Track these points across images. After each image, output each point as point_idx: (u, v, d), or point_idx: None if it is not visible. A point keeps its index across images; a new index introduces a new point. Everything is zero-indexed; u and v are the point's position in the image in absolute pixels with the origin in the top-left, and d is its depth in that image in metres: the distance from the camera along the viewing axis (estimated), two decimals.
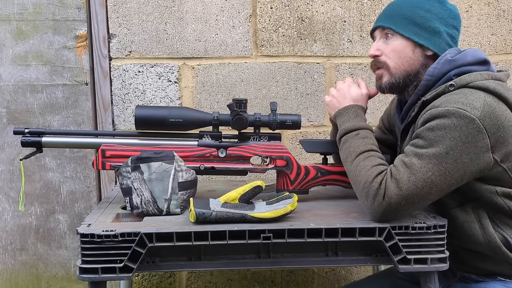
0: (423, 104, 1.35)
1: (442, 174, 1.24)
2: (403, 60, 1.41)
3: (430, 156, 1.24)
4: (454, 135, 1.23)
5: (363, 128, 1.42)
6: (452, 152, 1.23)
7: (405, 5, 1.41)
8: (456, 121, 1.23)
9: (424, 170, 1.24)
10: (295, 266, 1.58)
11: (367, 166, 1.32)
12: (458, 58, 1.35)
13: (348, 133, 1.42)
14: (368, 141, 1.39)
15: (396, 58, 1.41)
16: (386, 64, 1.42)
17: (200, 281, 2.23)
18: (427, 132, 1.26)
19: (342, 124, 1.44)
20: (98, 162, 1.46)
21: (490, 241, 1.33)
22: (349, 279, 2.29)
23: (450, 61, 1.35)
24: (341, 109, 1.47)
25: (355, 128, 1.41)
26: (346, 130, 1.42)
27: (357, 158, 1.35)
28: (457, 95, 1.28)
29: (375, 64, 1.46)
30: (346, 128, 1.43)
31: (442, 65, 1.36)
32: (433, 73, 1.36)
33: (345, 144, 1.41)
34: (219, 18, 2.10)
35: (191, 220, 1.29)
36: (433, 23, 1.39)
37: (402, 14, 1.40)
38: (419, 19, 1.39)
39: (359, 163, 1.34)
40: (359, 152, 1.36)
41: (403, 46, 1.40)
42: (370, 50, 1.45)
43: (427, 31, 1.39)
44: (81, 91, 2.13)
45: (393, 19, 1.41)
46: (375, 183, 1.27)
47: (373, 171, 1.30)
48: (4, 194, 2.15)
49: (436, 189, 1.26)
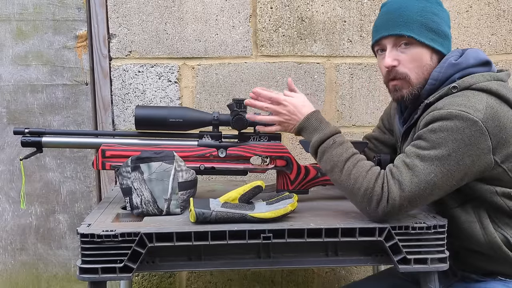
0: (426, 107, 1.35)
1: (444, 175, 1.24)
2: (423, 68, 1.37)
3: (433, 158, 1.24)
4: (456, 137, 1.23)
5: (335, 133, 1.35)
6: (454, 154, 1.24)
7: (414, 11, 1.35)
8: (459, 124, 1.23)
9: (427, 172, 1.24)
10: (295, 266, 1.58)
11: (362, 172, 1.28)
12: (462, 61, 1.35)
13: (322, 143, 1.34)
14: (347, 145, 1.34)
15: (417, 68, 1.37)
16: (406, 75, 1.37)
17: (200, 281, 2.23)
18: (430, 133, 1.26)
19: (311, 136, 1.36)
20: (98, 162, 1.46)
21: (490, 241, 1.33)
22: (349, 279, 2.29)
23: (454, 65, 1.35)
24: (301, 122, 1.38)
25: (327, 136, 1.34)
26: (319, 141, 1.34)
27: (346, 166, 1.30)
28: (460, 98, 1.28)
29: (390, 74, 1.39)
30: (318, 138, 1.35)
31: (446, 69, 1.35)
32: (438, 77, 1.36)
33: (324, 155, 1.33)
34: (219, 18, 2.10)
35: (191, 220, 1.29)
36: (443, 26, 1.37)
37: (416, 20, 1.35)
38: (433, 24, 1.36)
39: (350, 171, 1.29)
40: (344, 159, 1.30)
41: (422, 54, 1.36)
42: (386, 61, 1.37)
43: (440, 36, 1.37)
44: (81, 91, 2.13)
45: (409, 26, 1.34)
46: (377, 188, 1.25)
47: (371, 176, 1.27)
48: (4, 194, 2.15)
49: (438, 190, 1.26)
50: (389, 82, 1.41)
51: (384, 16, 1.41)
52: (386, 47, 1.39)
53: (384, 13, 1.42)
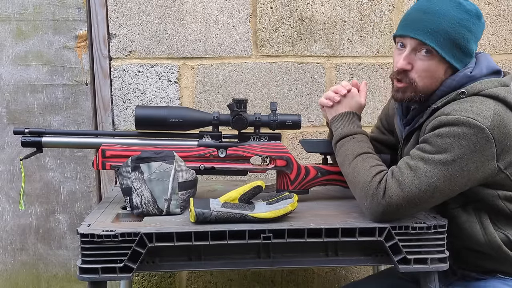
0: (432, 111, 1.35)
1: (447, 180, 1.25)
2: (433, 80, 1.35)
3: (437, 162, 1.25)
4: (463, 143, 1.24)
5: (359, 133, 1.43)
6: (459, 160, 1.24)
7: (449, 21, 1.30)
8: (466, 130, 1.23)
9: (429, 175, 1.24)
10: (295, 266, 1.58)
11: (366, 166, 1.33)
12: (476, 74, 1.34)
13: (344, 137, 1.43)
14: (364, 144, 1.40)
15: (426, 78, 1.35)
16: (414, 82, 1.35)
17: (200, 281, 2.23)
18: (436, 138, 1.26)
19: (338, 130, 1.45)
20: (98, 162, 1.46)
21: (490, 241, 1.34)
22: (349, 279, 2.29)
23: (470, 76, 1.34)
24: (337, 116, 1.47)
25: (350, 133, 1.43)
26: (342, 135, 1.43)
27: (355, 160, 1.36)
28: (468, 104, 1.28)
29: (398, 75, 1.38)
30: (342, 133, 1.44)
31: (460, 79, 1.35)
32: (450, 85, 1.35)
33: (341, 148, 1.42)
34: (219, 18, 2.10)
35: (191, 220, 1.29)
36: (471, 44, 1.34)
37: (446, 32, 1.30)
38: (462, 41, 1.32)
39: (356, 165, 1.35)
40: (356, 154, 1.37)
41: (437, 68, 1.34)
42: (400, 63, 1.35)
43: (464, 53, 1.34)
44: (81, 91, 2.13)
45: (435, 37, 1.30)
46: (374, 182, 1.28)
47: (371, 171, 1.31)
48: (4, 194, 2.15)
49: (439, 194, 1.26)
50: (395, 80, 1.40)
51: (418, 13, 1.35)
52: (407, 45, 1.36)
53: (420, 10, 1.35)
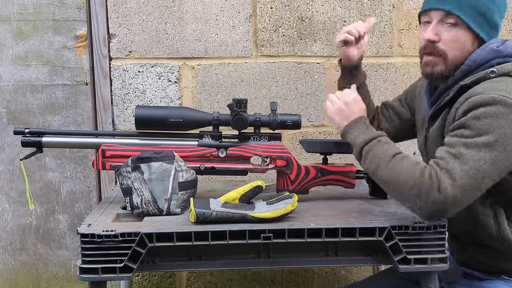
0: (460, 89, 1.33)
1: (493, 162, 1.20)
2: (462, 52, 1.34)
3: (480, 145, 1.20)
4: (501, 123, 1.21)
5: (380, 135, 1.35)
6: (501, 139, 1.20)
7: None
8: (502, 109, 1.21)
9: (476, 159, 1.20)
10: (295, 266, 1.58)
11: (408, 165, 1.25)
12: (504, 49, 1.33)
13: (368, 142, 1.34)
14: (393, 145, 1.33)
15: (455, 49, 1.34)
16: (444, 53, 1.35)
17: (200, 281, 2.23)
18: (473, 121, 1.23)
19: (358, 137, 1.37)
20: (98, 162, 1.46)
21: (503, 237, 1.34)
22: (349, 279, 2.29)
23: (496, 51, 1.33)
24: (350, 123, 1.40)
25: (374, 137, 1.35)
26: (365, 141, 1.35)
27: (392, 160, 1.28)
28: (499, 83, 1.27)
29: (426, 48, 1.37)
30: (365, 139, 1.35)
31: (487, 53, 1.33)
32: (476, 60, 1.33)
33: (369, 153, 1.33)
34: (219, 18, 2.10)
35: (191, 220, 1.29)
36: (495, 16, 1.34)
37: (470, 2, 1.31)
38: (486, 11, 1.32)
39: (396, 165, 1.26)
40: (391, 155, 1.29)
41: (465, 38, 1.33)
42: (427, 34, 1.35)
43: (489, 25, 1.34)
44: (81, 91, 2.13)
45: (461, 6, 1.31)
46: (426, 178, 1.20)
47: (417, 168, 1.23)
48: (4, 194, 2.15)
49: (488, 178, 1.22)
50: (424, 55, 1.39)
51: None
52: (432, 20, 1.36)
53: None
